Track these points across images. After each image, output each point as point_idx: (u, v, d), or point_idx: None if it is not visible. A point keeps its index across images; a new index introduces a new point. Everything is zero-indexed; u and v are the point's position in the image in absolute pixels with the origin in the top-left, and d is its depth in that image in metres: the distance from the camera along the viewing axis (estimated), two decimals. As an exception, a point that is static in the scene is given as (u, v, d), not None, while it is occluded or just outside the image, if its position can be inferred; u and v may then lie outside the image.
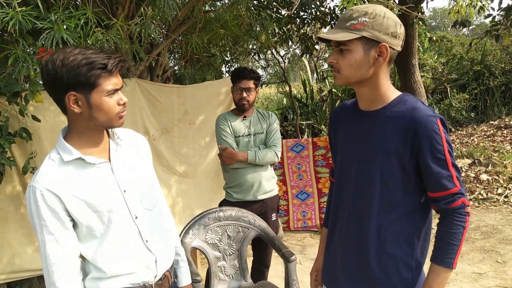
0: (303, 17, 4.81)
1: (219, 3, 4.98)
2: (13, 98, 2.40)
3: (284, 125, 8.51)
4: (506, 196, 5.09)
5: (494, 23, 4.61)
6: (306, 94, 9.26)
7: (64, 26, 2.10)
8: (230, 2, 4.25)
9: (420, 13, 4.47)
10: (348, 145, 1.40)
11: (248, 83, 2.64)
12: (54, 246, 1.20)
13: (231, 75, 2.75)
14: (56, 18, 2.10)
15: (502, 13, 4.42)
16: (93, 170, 1.25)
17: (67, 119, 1.26)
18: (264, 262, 2.79)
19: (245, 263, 2.45)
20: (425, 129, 1.21)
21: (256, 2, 4.31)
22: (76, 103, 1.19)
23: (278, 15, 4.41)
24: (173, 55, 6.00)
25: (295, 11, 4.48)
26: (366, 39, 1.23)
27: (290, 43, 5.78)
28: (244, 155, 2.59)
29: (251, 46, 5.72)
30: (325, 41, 1.33)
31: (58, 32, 2.06)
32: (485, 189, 5.29)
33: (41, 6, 2.08)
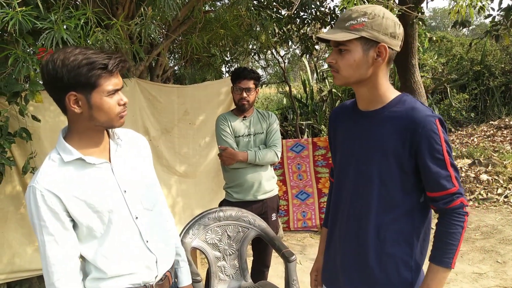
0: (303, 17, 4.82)
1: (219, 3, 4.99)
2: (13, 98, 2.40)
3: (284, 125, 8.51)
4: (506, 196, 5.09)
5: (494, 23, 4.61)
6: (306, 94, 9.26)
7: (64, 26, 2.10)
8: (230, 2, 4.25)
9: (420, 13, 4.48)
10: (347, 145, 1.40)
11: (248, 83, 2.64)
12: (54, 247, 1.20)
13: (231, 75, 2.75)
14: (56, 18, 2.10)
15: (502, 13, 4.42)
16: (93, 171, 1.25)
17: (67, 119, 1.26)
18: (264, 262, 2.79)
19: (245, 263, 2.45)
20: (423, 129, 1.21)
21: (256, 2, 4.31)
22: (76, 103, 1.19)
23: (278, 15, 4.41)
24: (173, 55, 6.00)
25: (295, 11, 4.48)
26: (365, 39, 1.24)
27: (290, 43, 5.78)
28: (244, 155, 2.59)
29: (251, 46, 5.72)
30: (324, 41, 1.33)
31: (58, 32, 2.06)
32: (485, 189, 5.29)
33: (41, 6, 2.08)
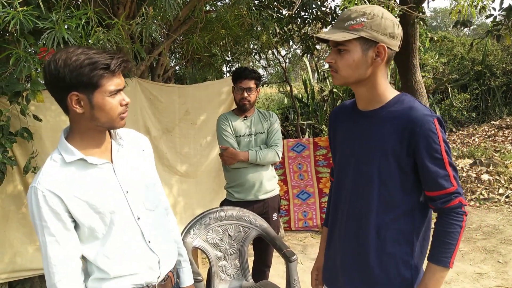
0: (304, 17, 4.82)
1: (220, 3, 4.98)
2: (14, 97, 2.40)
3: (285, 125, 8.51)
4: (507, 196, 5.09)
5: (495, 23, 4.61)
6: (307, 94, 9.25)
7: (65, 26, 2.10)
8: (231, 2, 4.25)
9: (421, 13, 4.47)
10: (347, 145, 1.41)
11: (249, 83, 2.64)
12: (55, 248, 1.20)
13: (232, 75, 2.75)
14: (57, 17, 2.10)
15: (503, 13, 4.41)
16: (95, 171, 1.25)
17: (69, 120, 1.25)
18: (265, 262, 2.79)
19: (246, 263, 2.45)
20: (421, 128, 1.21)
21: (257, 2, 4.32)
22: (78, 103, 1.18)
23: (279, 15, 4.41)
24: (174, 55, 6.00)
25: (296, 11, 4.48)
26: (364, 40, 1.23)
27: (291, 43, 5.79)
28: (245, 155, 2.59)
29: (252, 46, 5.72)
30: (323, 41, 1.33)
31: (59, 32, 2.06)
32: (486, 189, 5.29)
33: (42, 5, 2.07)
